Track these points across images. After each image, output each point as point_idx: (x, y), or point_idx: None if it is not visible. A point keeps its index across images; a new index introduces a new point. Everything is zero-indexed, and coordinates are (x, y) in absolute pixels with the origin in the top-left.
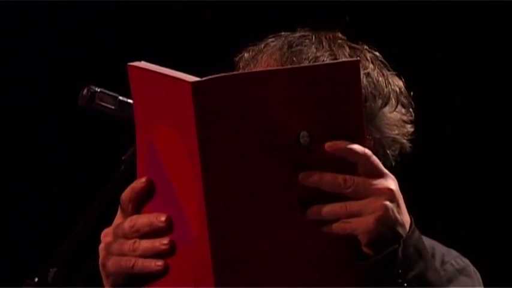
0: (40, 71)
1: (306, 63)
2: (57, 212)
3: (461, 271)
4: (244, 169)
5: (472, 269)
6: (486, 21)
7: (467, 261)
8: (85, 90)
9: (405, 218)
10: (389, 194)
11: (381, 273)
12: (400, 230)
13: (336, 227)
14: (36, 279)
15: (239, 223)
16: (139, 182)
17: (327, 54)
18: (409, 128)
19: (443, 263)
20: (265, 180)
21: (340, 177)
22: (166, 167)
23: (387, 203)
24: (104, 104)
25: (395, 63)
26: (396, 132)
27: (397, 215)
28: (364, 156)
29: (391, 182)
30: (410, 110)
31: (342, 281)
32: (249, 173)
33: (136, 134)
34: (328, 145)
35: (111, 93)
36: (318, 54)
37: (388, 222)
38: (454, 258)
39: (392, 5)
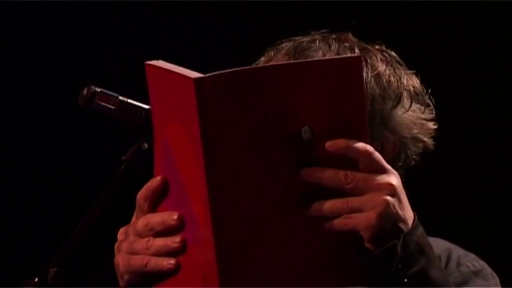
0: (40, 71)
1: None
2: (57, 212)
3: (477, 273)
4: (247, 166)
5: (489, 271)
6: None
7: (484, 264)
8: (85, 90)
9: (407, 213)
10: (390, 189)
11: (381, 268)
12: (401, 225)
13: (338, 222)
14: (36, 279)
15: (243, 221)
16: (155, 181)
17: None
18: (431, 125)
19: (458, 264)
20: (267, 176)
21: (341, 173)
22: (178, 165)
23: (388, 198)
24: (104, 104)
25: (416, 62)
26: (416, 131)
27: (399, 210)
28: (366, 153)
29: (392, 178)
30: (431, 107)
31: (344, 276)
32: (252, 170)
33: (154, 132)
34: (328, 144)
35: (111, 93)
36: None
37: (389, 217)
38: (471, 261)
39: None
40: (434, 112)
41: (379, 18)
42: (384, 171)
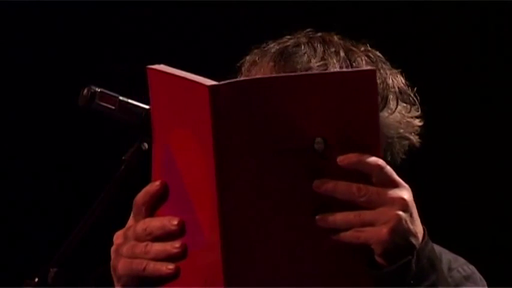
0: (40, 71)
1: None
2: (57, 212)
3: (468, 278)
4: (259, 174)
5: (478, 276)
6: (490, 19)
7: (473, 269)
8: (85, 90)
9: (418, 228)
10: (402, 203)
11: (393, 283)
12: (413, 240)
13: (349, 235)
14: (36, 279)
15: (251, 228)
16: (154, 185)
17: (317, 64)
18: (417, 122)
19: (450, 269)
20: (279, 185)
21: (354, 186)
22: (181, 170)
23: (400, 213)
24: (104, 104)
25: (416, 62)
26: (402, 130)
27: (410, 225)
28: (378, 167)
29: (405, 192)
30: (416, 106)
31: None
32: (263, 178)
33: (153, 137)
34: (340, 159)
35: (111, 93)
36: (310, 65)
37: (401, 232)
38: (461, 266)
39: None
40: (419, 109)
41: (378, 18)
42: (396, 185)
